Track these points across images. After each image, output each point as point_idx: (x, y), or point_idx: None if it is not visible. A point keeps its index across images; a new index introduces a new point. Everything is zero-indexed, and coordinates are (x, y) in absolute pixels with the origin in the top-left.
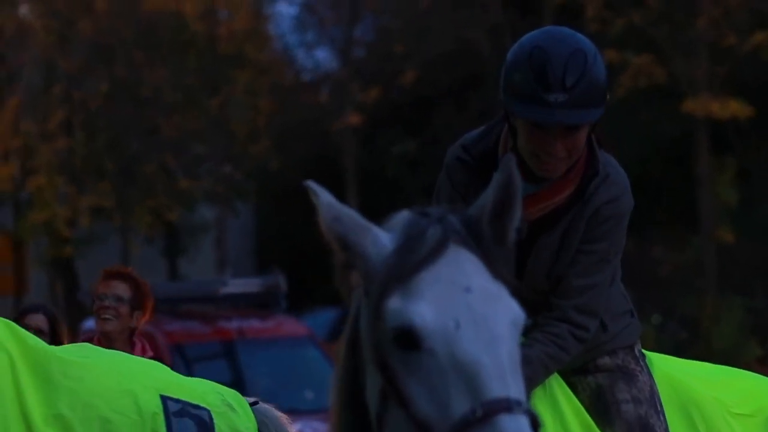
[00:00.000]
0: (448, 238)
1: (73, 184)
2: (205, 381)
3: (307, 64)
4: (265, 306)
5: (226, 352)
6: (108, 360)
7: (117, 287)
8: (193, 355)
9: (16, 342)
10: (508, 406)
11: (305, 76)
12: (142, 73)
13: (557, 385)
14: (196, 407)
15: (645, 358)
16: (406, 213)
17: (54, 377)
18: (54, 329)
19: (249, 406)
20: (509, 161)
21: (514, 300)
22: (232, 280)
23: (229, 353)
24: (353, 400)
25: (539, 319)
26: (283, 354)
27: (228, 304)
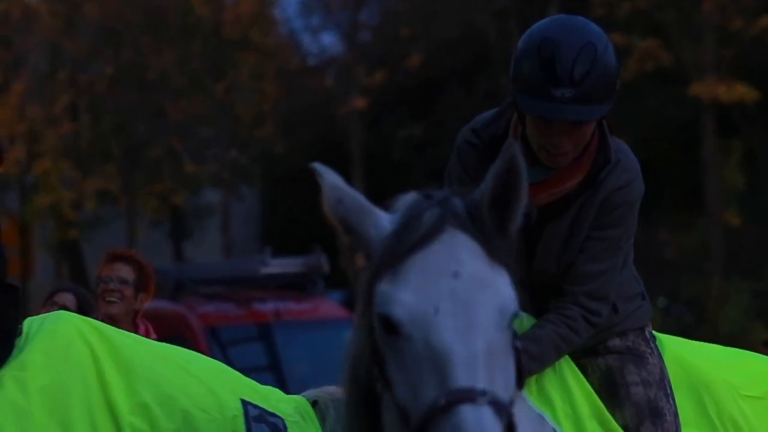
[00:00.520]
0: (445, 221)
1: (79, 168)
2: (276, 389)
3: (313, 48)
4: (304, 287)
5: (262, 334)
6: (188, 358)
7: (121, 270)
8: (229, 339)
9: (96, 334)
10: (471, 396)
11: (311, 60)
12: (147, 58)
13: (567, 367)
14: (272, 414)
15: (656, 340)
16: (411, 195)
17: (136, 368)
18: (82, 312)
19: (315, 415)
20: (510, 147)
21: (508, 286)
22: (272, 259)
23: (266, 336)
24: (357, 381)
25: (552, 303)
26: (322, 337)
27: (269, 284)
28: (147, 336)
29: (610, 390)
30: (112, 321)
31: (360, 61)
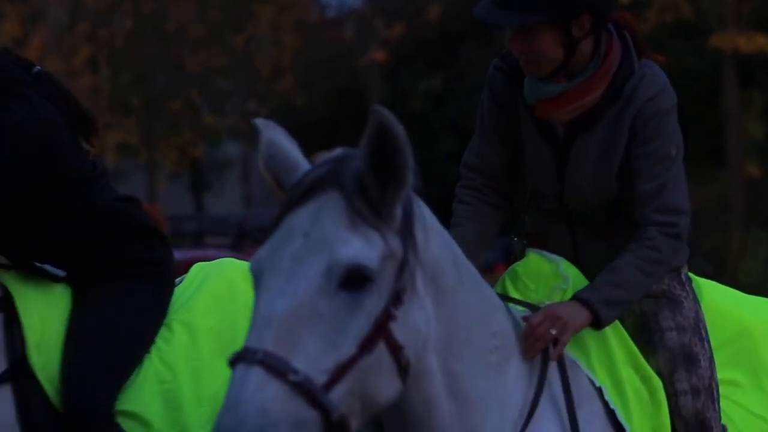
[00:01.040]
0: (324, 182)
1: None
2: None
3: (332, 0)
4: None
5: None
6: None
7: None
8: None
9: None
10: (244, 355)
11: (330, 12)
12: (167, 9)
13: None
14: None
15: (692, 282)
16: (329, 153)
17: None
18: None
19: None
20: (377, 113)
21: (358, 249)
22: None
23: None
24: None
25: (634, 233)
26: None
27: None
28: None
29: (644, 336)
30: None
31: (379, 13)
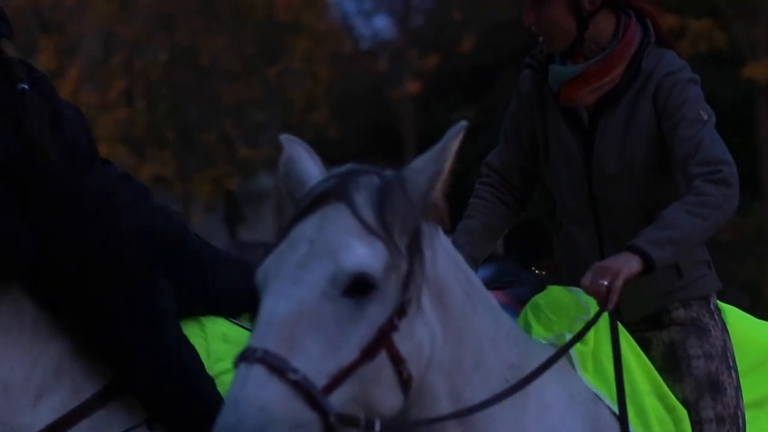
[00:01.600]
0: (330, 194)
1: (135, 153)
2: None
3: (366, 32)
4: None
5: None
6: None
7: None
8: None
9: None
10: (247, 355)
11: (363, 44)
12: (201, 42)
13: (626, 343)
14: None
15: (720, 312)
16: (343, 167)
17: None
18: None
19: None
20: (460, 127)
21: (362, 257)
22: None
23: None
24: None
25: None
26: None
27: None
28: None
29: (671, 363)
30: None
31: (413, 45)
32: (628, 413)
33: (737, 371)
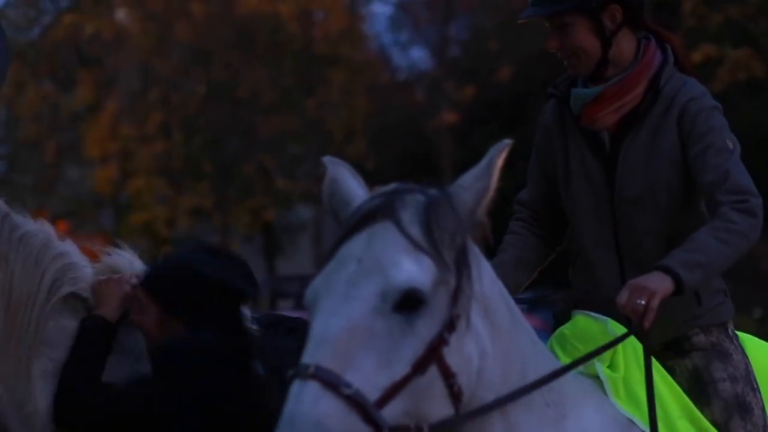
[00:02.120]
0: (377, 213)
1: (172, 185)
2: None
3: (403, 63)
4: None
5: None
6: None
7: None
8: None
9: None
10: (301, 371)
11: (400, 75)
12: (238, 75)
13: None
14: None
15: (738, 338)
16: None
17: None
18: None
19: None
20: (504, 144)
21: (411, 273)
22: None
23: None
24: None
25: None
26: None
27: None
28: None
29: (698, 389)
30: None
31: (449, 76)
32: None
33: (761, 393)
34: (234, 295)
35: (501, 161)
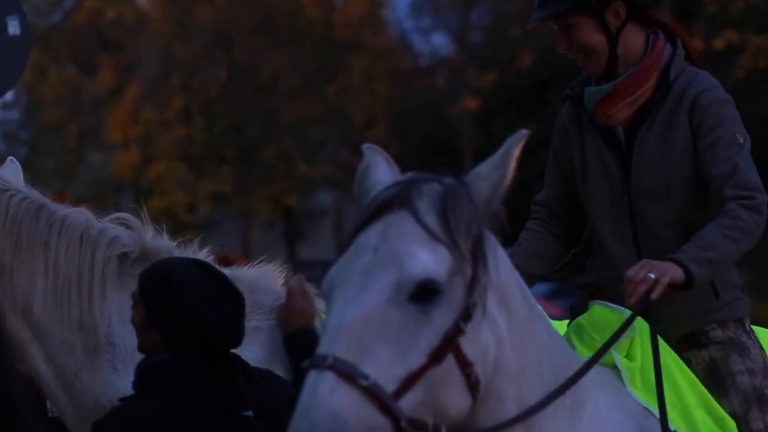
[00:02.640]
0: (389, 204)
1: (193, 171)
2: None
3: (424, 49)
4: None
5: None
6: None
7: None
8: None
9: None
10: (317, 361)
11: (422, 61)
12: (260, 60)
13: (671, 359)
14: None
15: (755, 333)
16: (401, 177)
17: None
18: None
19: None
20: (518, 137)
21: (427, 263)
22: None
23: None
24: None
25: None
26: None
27: None
28: None
29: (715, 381)
30: None
31: (471, 62)
32: (678, 427)
33: None
34: (213, 343)
35: (518, 151)
